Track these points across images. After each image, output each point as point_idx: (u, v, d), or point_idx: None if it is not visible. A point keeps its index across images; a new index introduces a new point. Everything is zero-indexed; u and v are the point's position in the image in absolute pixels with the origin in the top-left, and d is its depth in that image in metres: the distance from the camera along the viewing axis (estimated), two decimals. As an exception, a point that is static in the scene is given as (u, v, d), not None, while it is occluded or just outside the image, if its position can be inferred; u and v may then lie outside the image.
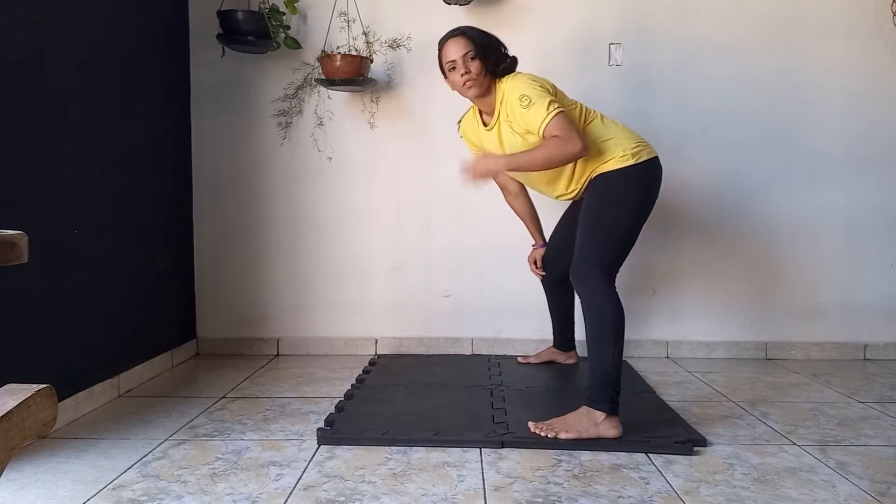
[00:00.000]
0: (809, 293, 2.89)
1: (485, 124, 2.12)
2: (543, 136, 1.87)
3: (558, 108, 1.86)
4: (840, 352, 2.88)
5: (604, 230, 1.89)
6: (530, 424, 1.86)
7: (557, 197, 2.15)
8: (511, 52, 2.07)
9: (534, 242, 2.51)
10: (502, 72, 2.01)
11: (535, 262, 2.49)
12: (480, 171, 1.95)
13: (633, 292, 2.78)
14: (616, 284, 1.90)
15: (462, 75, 1.98)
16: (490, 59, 2.00)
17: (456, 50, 1.99)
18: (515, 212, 2.48)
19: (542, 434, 1.81)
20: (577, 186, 2.05)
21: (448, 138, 2.74)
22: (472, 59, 1.97)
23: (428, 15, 2.78)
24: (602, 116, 2.06)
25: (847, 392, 2.36)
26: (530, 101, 1.88)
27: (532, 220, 2.48)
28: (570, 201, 2.23)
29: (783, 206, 2.86)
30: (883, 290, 2.88)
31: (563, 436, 1.78)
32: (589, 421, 1.80)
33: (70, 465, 1.65)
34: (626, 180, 1.93)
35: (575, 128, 1.87)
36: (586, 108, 2.05)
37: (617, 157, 1.93)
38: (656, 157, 1.99)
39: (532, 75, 1.99)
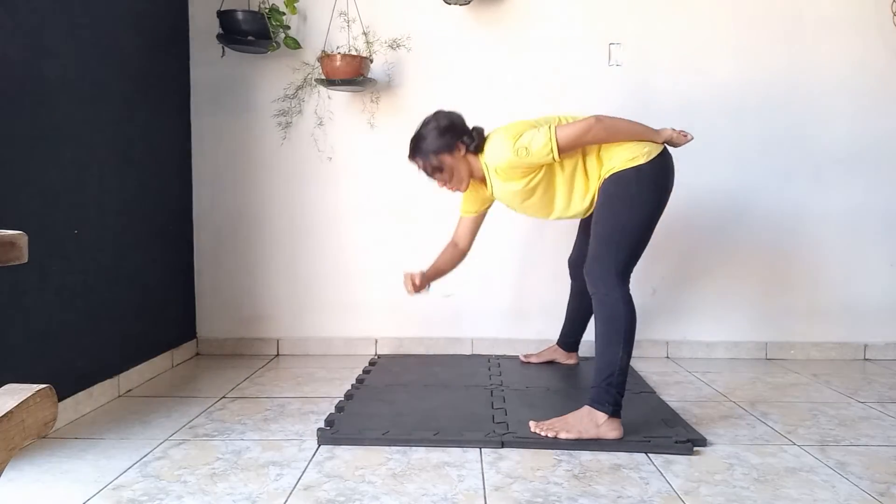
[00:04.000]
0: (809, 293, 2.89)
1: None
2: (560, 150, 1.83)
3: (548, 126, 1.85)
4: (840, 352, 2.88)
5: (618, 230, 1.87)
6: (531, 424, 1.86)
7: (580, 213, 2.07)
8: (477, 120, 2.05)
9: (425, 269, 2.30)
10: (475, 148, 1.99)
11: (414, 280, 2.24)
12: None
13: (632, 292, 2.76)
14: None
15: (441, 186, 2.06)
16: (452, 155, 1.99)
17: (419, 169, 2.05)
18: (441, 259, 2.36)
19: (543, 434, 1.81)
20: (592, 196, 1.98)
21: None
22: (432, 173, 2.03)
23: (428, 15, 2.78)
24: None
25: (847, 392, 2.36)
26: (527, 149, 1.84)
27: (444, 267, 2.36)
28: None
29: (783, 206, 2.86)
30: (883, 290, 2.88)
31: (563, 436, 1.79)
32: (590, 421, 1.80)
33: (70, 465, 1.65)
34: (639, 178, 1.89)
35: (572, 126, 1.87)
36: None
37: (627, 159, 1.90)
38: (665, 149, 1.95)
39: (505, 128, 1.94)
